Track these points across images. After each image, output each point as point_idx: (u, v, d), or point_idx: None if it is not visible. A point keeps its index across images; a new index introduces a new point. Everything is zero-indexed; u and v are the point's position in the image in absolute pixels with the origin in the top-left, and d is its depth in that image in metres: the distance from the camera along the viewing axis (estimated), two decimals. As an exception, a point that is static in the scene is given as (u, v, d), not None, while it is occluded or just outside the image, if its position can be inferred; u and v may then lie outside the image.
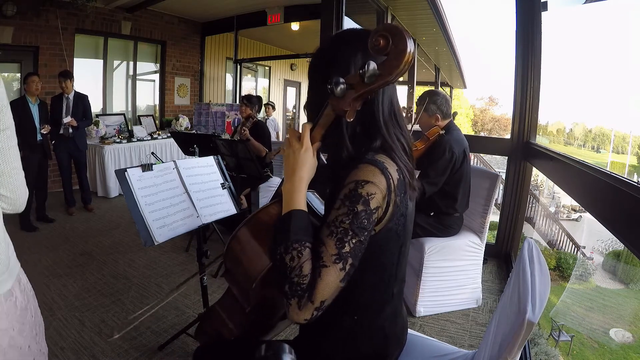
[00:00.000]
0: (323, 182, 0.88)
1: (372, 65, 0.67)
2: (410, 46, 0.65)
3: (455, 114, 2.30)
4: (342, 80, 0.69)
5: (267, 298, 0.96)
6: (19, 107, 3.30)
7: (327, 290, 0.67)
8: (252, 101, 3.32)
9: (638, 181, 1.05)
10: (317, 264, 0.68)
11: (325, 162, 0.85)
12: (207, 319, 1.11)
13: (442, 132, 2.09)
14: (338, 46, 0.80)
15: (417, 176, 2.09)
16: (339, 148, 0.77)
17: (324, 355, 0.86)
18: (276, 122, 6.35)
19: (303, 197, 0.75)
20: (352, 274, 0.71)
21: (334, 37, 0.83)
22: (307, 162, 0.76)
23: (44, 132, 3.41)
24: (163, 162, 1.61)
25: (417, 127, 2.25)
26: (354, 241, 0.68)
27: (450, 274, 2.14)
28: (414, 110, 2.29)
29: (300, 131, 0.78)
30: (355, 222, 0.68)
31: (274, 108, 6.02)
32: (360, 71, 0.67)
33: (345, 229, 0.68)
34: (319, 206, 0.85)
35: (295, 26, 6.10)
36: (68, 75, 3.74)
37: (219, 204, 1.70)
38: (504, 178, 2.70)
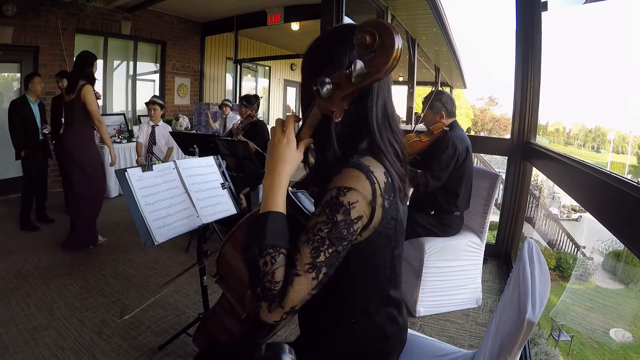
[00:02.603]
0: (312, 183, 0.84)
1: (359, 64, 0.63)
2: (398, 42, 0.61)
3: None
4: (327, 80, 0.65)
5: None
6: (20, 107, 3.31)
7: (298, 298, 0.65)
8: (251, 101, 3.42)
9: (638, 181, 1.05)
10: (290, 271, 0.65)
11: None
12: (205, 325, 1.10)
13: (446, 128, 2.12)
14: (333, 41, 0.76)
15: (420, 170, 2.08)
16: (326, 149, 0.74)
17: (323, 357, 0.84)
18: (168, 129, 3.70)
19: (282, 196, 0.71)
20: (341, 280, 0.71)
21: (330, 31, 0.79)
22: (289, 156, 0.71)
23: (46, 132, 3.43)
24: (163, 162, 1.61)
25: (420, 126, 2.28)
26: (330, 251, 0.66)
27: (450, 274, 2.14)
28: (415, 110, 2.33)
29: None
30: (334, 232, 0.65)
31: (162, 107, 3.70)
32: (347, 71, 0.63)
33: (322, 238, 0.65)
34: (310, 207, 0.80)
35: (295, 26, 6.10)
36: (64, 75, 3.73)
37: (219, 204, 1.70)
38: (504, 178, 2.70)
